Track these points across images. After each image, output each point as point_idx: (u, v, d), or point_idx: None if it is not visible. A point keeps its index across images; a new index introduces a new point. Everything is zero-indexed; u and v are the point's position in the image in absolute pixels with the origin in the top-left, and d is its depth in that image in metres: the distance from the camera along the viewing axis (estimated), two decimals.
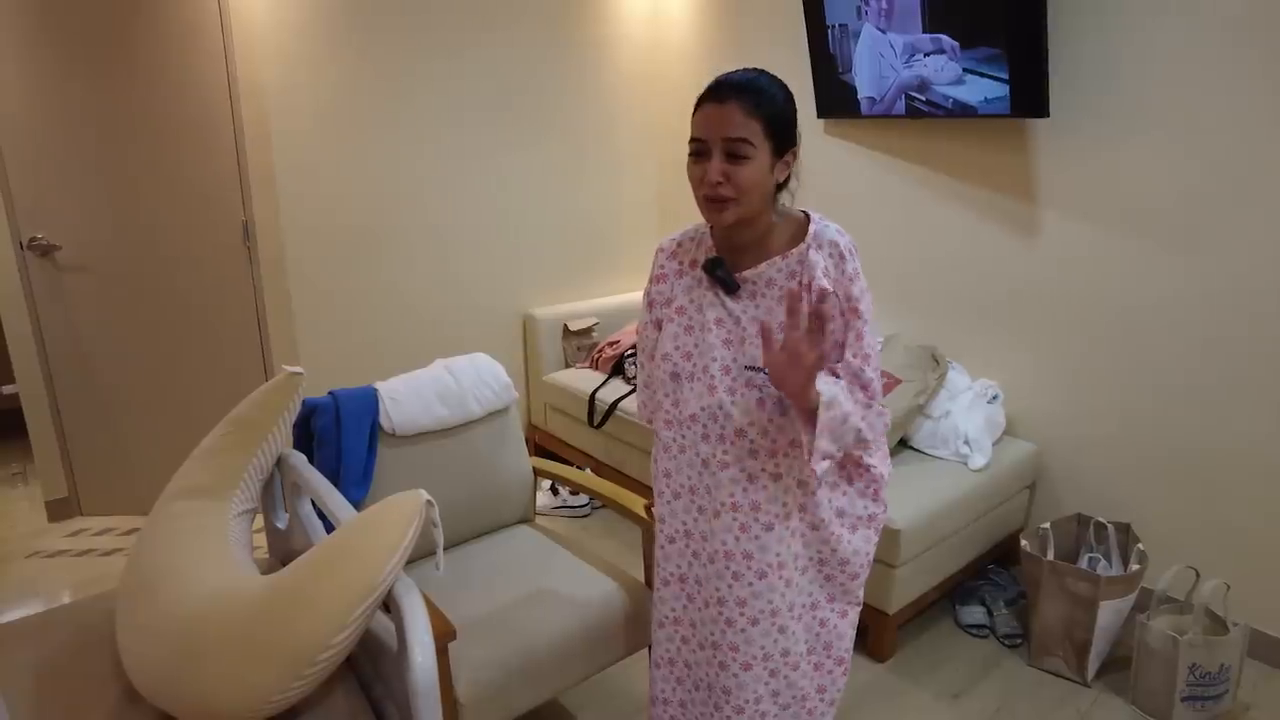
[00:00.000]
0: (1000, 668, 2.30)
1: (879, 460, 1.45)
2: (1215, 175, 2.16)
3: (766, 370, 1.31)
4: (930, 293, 2.89)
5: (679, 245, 1.48)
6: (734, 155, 1.26)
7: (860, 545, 1.45)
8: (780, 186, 1.36)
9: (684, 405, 1.42)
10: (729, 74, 1.30)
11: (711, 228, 1.43)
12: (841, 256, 1.34)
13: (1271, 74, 2.03)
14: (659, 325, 1.48)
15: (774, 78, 1.31)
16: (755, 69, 1.32)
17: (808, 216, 1.39)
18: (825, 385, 1.26)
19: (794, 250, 1.36)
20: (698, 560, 1.46)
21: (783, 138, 1.29)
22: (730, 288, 1.38)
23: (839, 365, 1.35)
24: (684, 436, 1.43)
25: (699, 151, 1.29)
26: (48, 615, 1.72)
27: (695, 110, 1.30)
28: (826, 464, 1.29)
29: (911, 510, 2.21)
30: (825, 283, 1.33)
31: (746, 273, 1.38)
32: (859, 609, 1.51)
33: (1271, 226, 2.09)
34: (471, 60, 3.19)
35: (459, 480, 2.06)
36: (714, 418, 1.38)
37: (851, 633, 1.51)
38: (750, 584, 1.41)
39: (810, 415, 1.26)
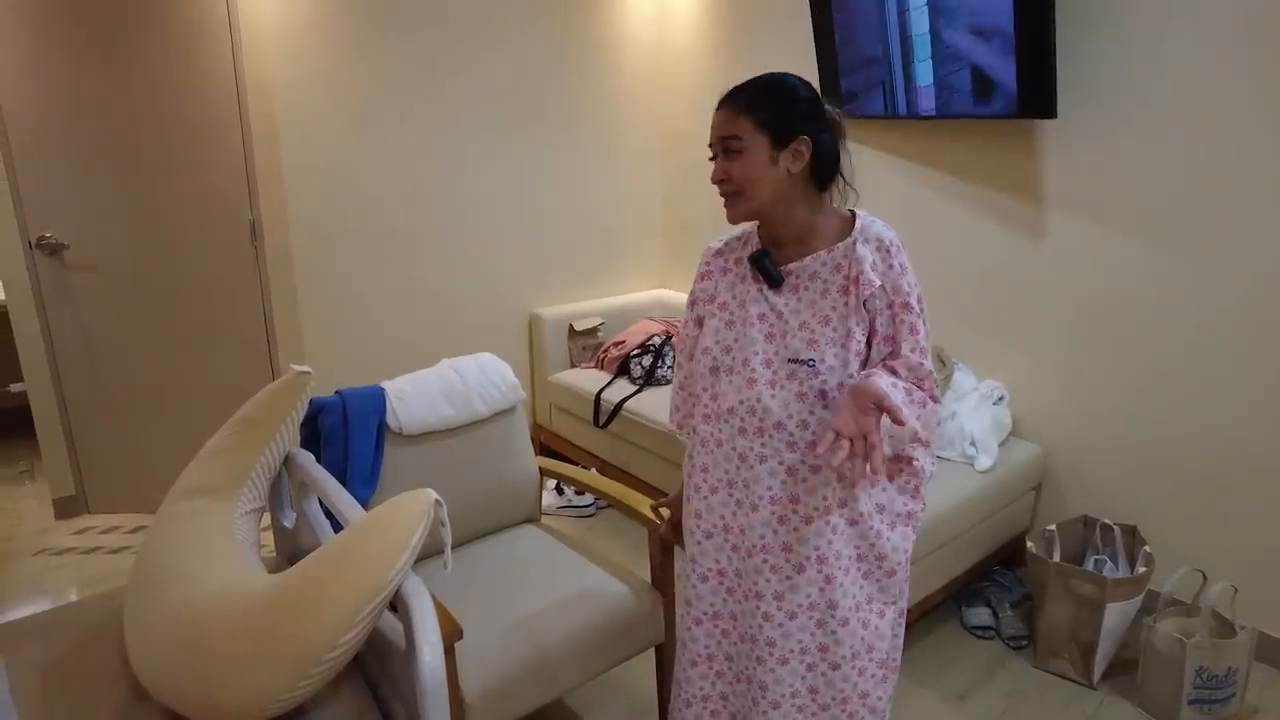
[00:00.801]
0: (1006, 669, 2.29)
1: (923, 455, 1.44)
2: (1223, 177, 2.16)
3: (812, 362, 1.34)
4: (936, 294, 2.88)
5: (725, 244, 1.52)
6: (729, 151, 1.34)
7: (899, 543, 1.44)
8: (825, 184, 1.39)
9: (722, 399, 1.43)
10: (739, 84, 1.37)
11: (758, 226, 1.47)
12: (888, 251, 1.36)
13: None
14: (700, 323, 1.51)
15: (775, 77, 1.35)
16: (762, 74, 1.37)
17: (853, 214, 1.42)
18: (888, 388, 1.26)
19: (839, 245, 1.38)
20: (737, 554, 1.47)
21: (779, 129, 1.32)
22: (774, 280, 1.40)
23: (898, 361, 1.35)
24: (721, 430, 1.44)
25: (712, 156, 1.38)
26: (55, 613, 1.72)
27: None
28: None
29: None
30: (874, 277, 1.34)
31: (790, 266, 1.40)
32: (899, 612, 1.49)
33: (1279, 228, 2.09)
34: (479, 60, 3.19)
35: (465, 480, 2.06)
36: (751, 411, 1.39)
37: (892, 637, 1.50)
38: (788, 577, 1.41)
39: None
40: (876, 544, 1.42)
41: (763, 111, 1.32)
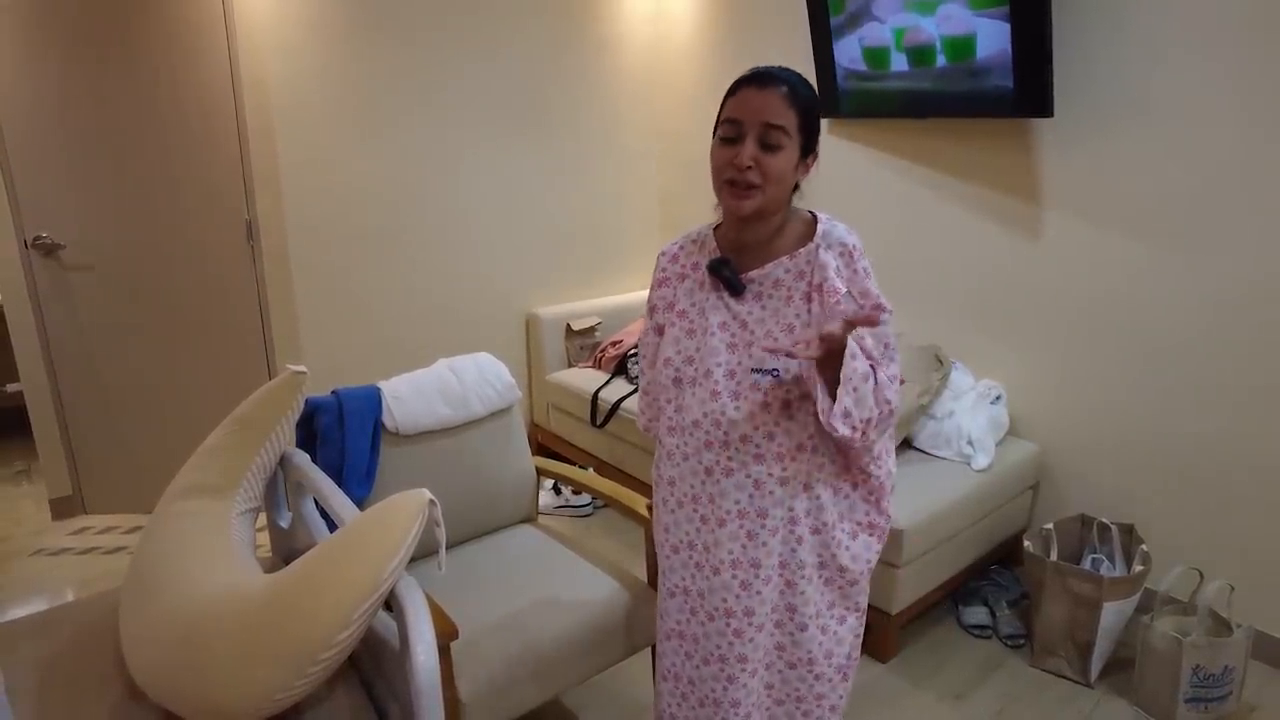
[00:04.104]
0: (1003, 668, 2.29)
1: (879, 470, 1.42)
2: (1219, 176, 2.16)
3: (776, 373, 1.31)
4: (933, 293, 2.88)
5: (681, 249, 1.47)
6: (768, 143, 1.25)
7: (860, 551, 1.43)
8: (794, 188, 1.36)
9: (686, 411, 1.40)
10: (767, 66, 1.30)
11: (716, 229, 1.43)
12: (851, 256, 1.34)
13: (1276, 74, 2.02)
14: (660, 331, 1.47)
15: (803, 78, 1.31)
16: (788, 68, 1.32)
17: (814, 216, 1.39)
18: (849, 339, 1.21)
19: (802, 250, 1.34)
20: (700, 573, 1.44)
21: (811, 137, 1.30)
22: (736, 289, 1.37)
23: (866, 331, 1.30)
24: (687, 443, 1.41)
25: (731, 135, 1.27)
26: (51, 613, 1.72)
27: (731, 94, 1.29)
28: (847, 430, 1.23)
29: (914, 511, 2.20)
30: (839, 283, 1.31)
31: (752, 273, 1.37)
32: (859, 616, 1.48)
33: (1276, 227, 2.08)
34: (476, 58, 3.19)
35: (461, 479, 2.06)
36: (716, 423, 1.36)
37: (852, 640, 1.48)
38: (759, 592, 1.40)
39: (832, 378, 1.23)
40: (838, 554, 1.40)
41: (807, 110, 1.27)
